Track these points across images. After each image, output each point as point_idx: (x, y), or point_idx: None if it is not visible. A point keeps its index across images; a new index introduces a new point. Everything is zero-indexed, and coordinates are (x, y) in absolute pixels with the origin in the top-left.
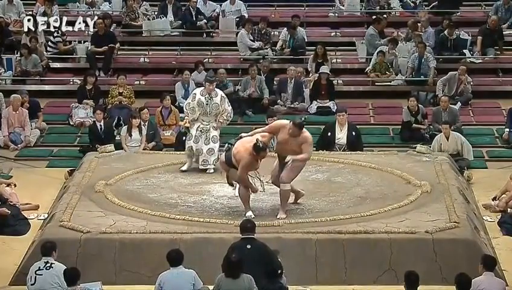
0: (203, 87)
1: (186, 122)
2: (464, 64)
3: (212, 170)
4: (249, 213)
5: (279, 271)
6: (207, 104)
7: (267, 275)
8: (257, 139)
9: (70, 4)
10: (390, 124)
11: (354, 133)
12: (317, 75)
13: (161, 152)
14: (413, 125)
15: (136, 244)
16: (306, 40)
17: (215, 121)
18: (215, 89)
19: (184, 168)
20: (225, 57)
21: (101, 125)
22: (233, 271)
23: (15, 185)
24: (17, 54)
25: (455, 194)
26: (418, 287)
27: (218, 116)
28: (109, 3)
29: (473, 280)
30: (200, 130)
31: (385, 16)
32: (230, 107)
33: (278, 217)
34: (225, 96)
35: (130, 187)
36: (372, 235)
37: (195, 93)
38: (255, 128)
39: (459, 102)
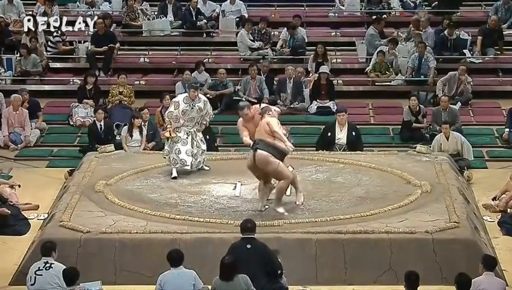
0: (185, 94)
1: (170, 132)
2: (463, 64)
3: (208, 168)
4: (281, 209)
5: (279, 271)
6: (191, 110)
7: (267, 275)
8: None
9: (70, 4)
10: (390, 124)
11: (354, 133)
12: (317, 75)
13: (161, 152)
14: (414, 124)
15: (136, 244)
16: (306, 40)
17: (197, 124)
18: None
19: (175, 174)
20: (225, 57)
21: (101, 125)
22: (226, 273)
23: (19, 186)
24: (17, 54)
25: (455, 194)
26: (418, 287)
27: (201, 119)
28: (109, 3)
29: (473, 280)
30: (187, 133)
31: (384, 15)
32: (211, 109)
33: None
34: (207, 100)
35: (130, 187)
36: (372, 235)
37: (177, 102)
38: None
39: (459, 102)
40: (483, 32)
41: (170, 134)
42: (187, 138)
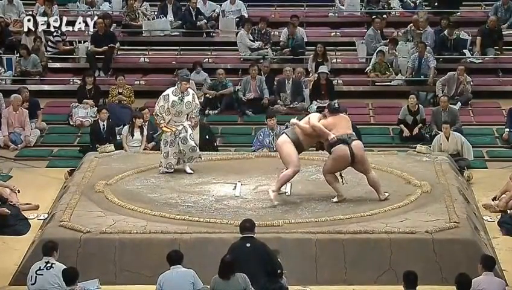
0: (174, 87)
1: (163, 126)
2: (463, 64)
3: (191, 171)
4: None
5: (278, 271)
6: (180, 103)
7: (267, 275)
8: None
9: (70, 4)
10: (390, 124)
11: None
12: (317, 75)
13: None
14: (400, 125)
15: (136, 244)
16: (306, 40)
17: (186, 119)
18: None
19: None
20: (225, 57)
21: (103, 125)
22: (225, 272)
23: (18, 191)
24: (17, 54)
25: (455, 194)
26: (418, 287)
27: (190, 113)
28: (109, 3)
29: (473, 280)
30: (173, 133)
31: (384, 16)
32: (198, 101)
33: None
34: (195, 93)
35: (130, 187)
36: (372, 235)
37: (167, 95)
38: (255, 128)
39: (459, 102)
40: (482, 32)
41: (168, 128)
42: (175, 138)
